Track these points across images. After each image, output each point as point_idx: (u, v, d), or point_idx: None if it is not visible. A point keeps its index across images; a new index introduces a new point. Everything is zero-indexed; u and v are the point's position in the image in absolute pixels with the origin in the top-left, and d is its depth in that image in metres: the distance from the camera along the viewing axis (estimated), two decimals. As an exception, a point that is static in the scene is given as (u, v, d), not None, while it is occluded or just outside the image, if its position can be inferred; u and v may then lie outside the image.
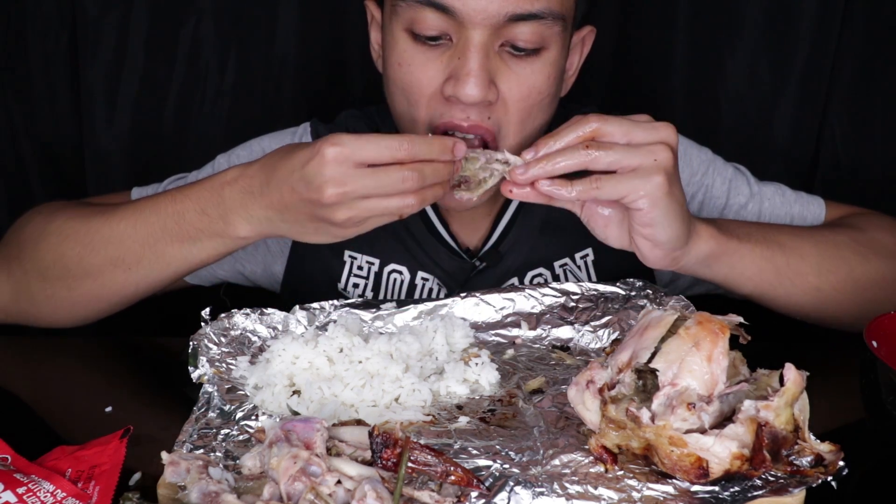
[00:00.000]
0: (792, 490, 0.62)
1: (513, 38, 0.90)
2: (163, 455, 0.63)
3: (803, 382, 0.64)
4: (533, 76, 0.92)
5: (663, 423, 0.62)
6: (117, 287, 0.94)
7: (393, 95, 0.97)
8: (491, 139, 0.93)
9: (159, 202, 0.91)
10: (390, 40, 0.94)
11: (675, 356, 0.65)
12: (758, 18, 1.47)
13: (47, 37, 1.44)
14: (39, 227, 0.97)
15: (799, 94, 1.50)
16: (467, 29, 0.88)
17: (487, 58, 0.89)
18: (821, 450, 0.63)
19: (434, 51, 0.91)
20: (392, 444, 0.62)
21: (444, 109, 0.92)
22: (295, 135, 1.13)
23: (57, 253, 0.94)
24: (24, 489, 0.63)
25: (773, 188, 1.15)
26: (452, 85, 0.89)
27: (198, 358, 0.82)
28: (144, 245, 0.90)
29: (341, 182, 0.78)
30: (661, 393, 0.64)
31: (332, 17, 1.47)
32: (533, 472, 0.65)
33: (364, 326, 0.90)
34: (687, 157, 1.16)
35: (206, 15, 1.44)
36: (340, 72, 1.51)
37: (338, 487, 0.59)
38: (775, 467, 0.63)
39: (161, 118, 1.49)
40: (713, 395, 0.64)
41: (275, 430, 0.63)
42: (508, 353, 0.88)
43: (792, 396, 0.63)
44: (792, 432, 0.63)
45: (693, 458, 0.62)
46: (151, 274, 0.92)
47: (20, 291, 0.97)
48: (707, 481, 0.62)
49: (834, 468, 0.63)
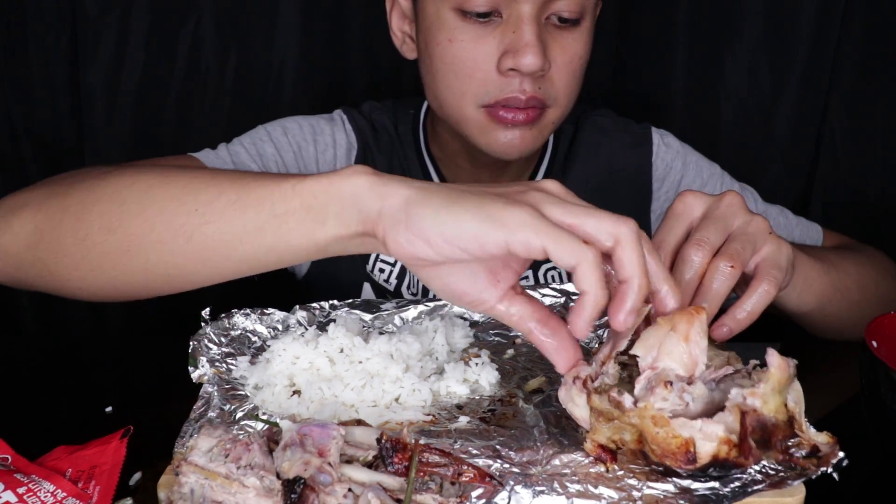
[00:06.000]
0: (791, 482, 0.62)
1: (558, 10, 0.95)
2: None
3: (789, 369, 0.63)
4: (575, 44, 0.98)
5: (644, 405, 0.62)
6: (164, 266, 0.73)
7: (438, 73, 0.99)
8: (543, 108, 0.98)
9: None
10: (435, 20, 0.97)
11: (653, 341, 0.66)
12: (758, 19, 1.47)
13: (47, 37, 1.44)
14: (109, 168, 0.79)
15: (799, 94, 1.50)
16: (519, 3, 0.92)
17: (540, 29, 0.93)
18: (817, 440, 0.63)
19: (485, 27, 0.95)
20: (401, 448, 0.62)
21: (496, 87, 0.96)
22: (330, 121, 1.14)
23: (121, 196, 0.74)
24: (25, 489, 0.63)
25: (778, 209, 1.19)
26: (512, 58, 0.93)
27: (198, 358, 0.82)
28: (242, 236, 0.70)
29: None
30: (641, 377, 0.64)
31: (332, 17, 1.48)
32: (533, 471, 0.65)
33: (364, 326, 0.90)
34: (698, 168, 1.19)
35: (206, 15, 1.44)
36: (341, 72, 1.51)
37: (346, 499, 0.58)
38: (768, 455, 0.62)
39: (161, 118, 1.49)
40: (694, 375, 0.65)
41: (291, 433, 0.62)
42: (508, 353, 0.88)
43: (778, 382, 0.62)
44: (786, 422, 0.63)
45: (679, 439, 0.61)
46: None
47: (47, 231, 0.77)
48: (696, 467, 0.62)
49: (828, 460, 0.62)
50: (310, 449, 0.61)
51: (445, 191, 0.62)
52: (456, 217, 0.60)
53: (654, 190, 1.18)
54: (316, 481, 0.59)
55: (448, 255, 0.61)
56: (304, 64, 1.48)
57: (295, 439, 0.62)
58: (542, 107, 0.98)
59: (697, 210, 0.76)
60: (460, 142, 1.08)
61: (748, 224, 0.75)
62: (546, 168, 1.16)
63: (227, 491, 0.59)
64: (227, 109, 1.49)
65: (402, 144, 1.15)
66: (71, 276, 0.78)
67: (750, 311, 0.73)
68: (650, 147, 1.18)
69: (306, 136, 1.10)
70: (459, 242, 0.60)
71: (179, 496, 0.59)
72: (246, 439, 0.62)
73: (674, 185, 1.18)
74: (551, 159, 1.16)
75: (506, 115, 0.97)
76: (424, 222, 0.61)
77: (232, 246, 0.69)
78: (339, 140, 1.12)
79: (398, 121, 1.16)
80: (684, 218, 0.76)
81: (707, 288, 0.73)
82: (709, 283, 0.73)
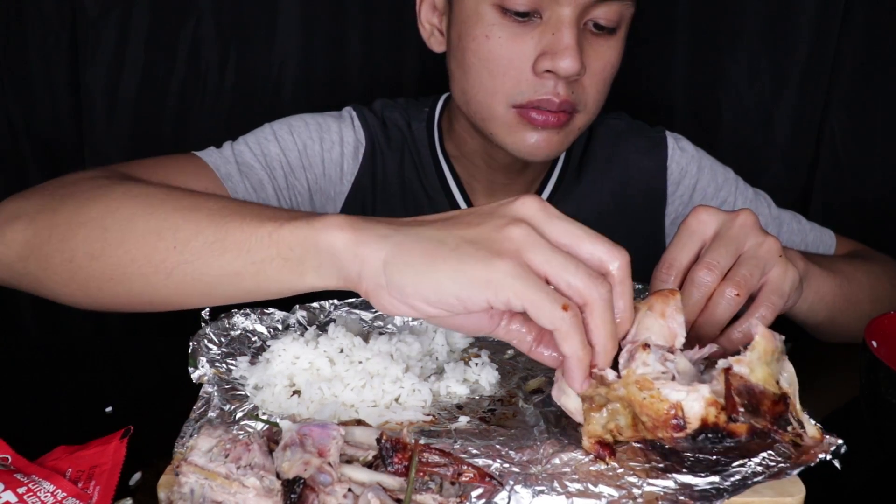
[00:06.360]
0: (790, 472, 0.62)
1: (596, 17, 0.95)
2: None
3: (774, 340, 0.64)
4: (609, 52, 0.98)
5: (627, 371, 0.63)
6: (152, 291, 0.74)
7: (471, 68, 0.98)
8: (573, 113, 0.98)
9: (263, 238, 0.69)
10: (473, 14, 0.96)
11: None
12: (758, 18, 1.47)
13: (47, 37, 1.44)
14: (99, 185, 0.79)
15: (799, 94, 1.50)
16: (561, 6, 0.92)
17: (579, 33, 0.93)
18: (807, 429, 0.63)
19: (524, 27, 0.94)
20: (401, 448, 0.62)
21: (529, 87, 0.95)
22: (338, 118, 1.13)
23: (108, 221, 0.74)
24: (25, 489, 0.63)
25: (791, 214, 1.19)
26: (550, 59, 0.93)
27: (198, 358, 0.82)
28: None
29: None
30: (623, 351, 0.65)
31: (332, 17, 1.48)
32: (533, 471, 0.65)
33: (364, 326, 0.90)
34: (713, 173, 1.19)
35: (206, 15, 1.44)
36: (341, 72, 1.51)
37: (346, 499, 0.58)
38: (755, 420, 0.62)
39: (161, 118, 1.49)
40: (674, 346, 0.65)
41: (291, 433, 0.62)
42: (508, 353, 0.88)
43: (764, 352, 0.63)
44: (777, 395, 0.63)
45: (666, 403, 0.62)
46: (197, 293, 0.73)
47: (36, 247, 0.77)
48: (686, 434, 0.62)
49: (812, 455, 0.62)
50: (310, 449, 0.61)
51: (421, 245, 0.61)
52: (436, 281, 0.60)
53: (669, 194, 1.18)
54: (316, 481, 0.59)
55: (433, 314, 0.63)
56: (304, 64, 1.48)
57: (295, 439, 0.62)
58: (572, 111, 0.98)
59: (711, 228, 0.76)
60: (479, 141, 1.07)
61: (760, 246, 0.75)
62: (560, 171, 1.15)
63: (227, 491, 0.59)
64: (227, 109, 1.49)
65: (415, 142, 1.14)
66: (61, 292, 0.78)
67: (746, 333, 0.74)
68: (665, 151, 1.17)
69: (312, 135, 1.10)
70: (442, 305, 0.61)
71: (179, 496, 0.59)
72: (246, 439, 0.62)
73: (688, 189, 1.18)
74: (565, 162, 1.16)
75: (537, 117, 0.96)
76: (406, 289, 0.61)
77: (212, 286, 0.70)
78: (347, 138, 1.11)
79: (412, 118, 1.15)
80: (697, 236, 0.76)
81: (710, 312, 0.73)
82: (713, 308, 0.73)
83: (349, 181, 1.11)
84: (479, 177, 1.13)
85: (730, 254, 0.74)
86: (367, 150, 1.12)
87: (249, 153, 1.05)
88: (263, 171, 1.04)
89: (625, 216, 1.17)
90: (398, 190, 1.13)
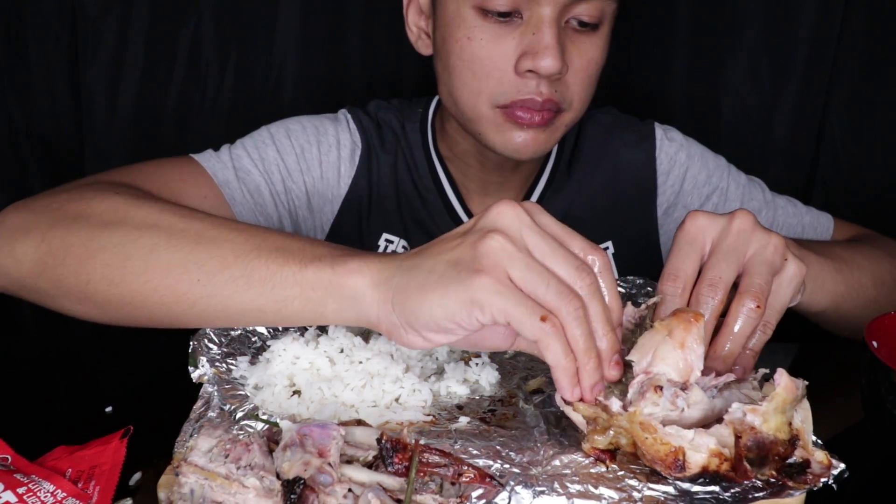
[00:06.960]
0: (792, 493, 0.62)
1: (578, 14, 0.94)
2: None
3: (796, 390, 0.62)
4: (592, 49, 0.98)
5: (634, 410, 0.62)
6: (170, 319, 0.75)
7: (455, 71, 0.99)
8: (558, 111, 0.98)
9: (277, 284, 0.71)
10: (455, 17, 0.97)
11: (649, 346, 0.66)
12: (758, 18, 1.47)
13: (47, 37, 1.44)
14: (116, 206, 0.78)
15: (799, 94, 1.50)
16: (541, 5, 0.92)
17: (560, 32, 0.93)
18: (813, 457, 0.63)
19: (505, 27, 0.94)
20: (401, 448, 0.62)
21: (512, 87, 0.96)
22: (335, 121, 1.14)
23: (128, 251, 0.74)
24: (25, 489, 0.63)
25: (786, 199, 1.19)
26: (531, 59, 0.93)
27: (198, 358, 0.82)
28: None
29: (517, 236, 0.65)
30: (634, 381, 0.64)
31: (332, 17, 1.48)
32: (533, 471, 0.65)
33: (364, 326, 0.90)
34: (703, 160, 1.19)
35: (206, 15, 1.44)
36: (341, 72, 1.51)
37: (346, 499, 0.58)
38: (761, 472, 0.62)
39: (161, 118, 1.49)
40: (689, 381, 0.64)
41: (291, 433, 0.62)
42: (508, 353, 0.88)
43: (782, 402, 0.62)
44: (787, 440, 0.62)
45: (668, 447, 0.61)
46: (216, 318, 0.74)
47: (50, 267, 0.76)
48: (685, 476, 0.62)
49: (817, 479, 0.62)
50: (310, 449, 0.61)
51: (416, 279, 0.64)
52: (429, 311, 0.63)
53: (660, 185, 1.18)
54: (316, 482, 0.59)
55: (447, 341, 0.66)
56: (304, 64, 1.48)
57: (295, 439, 0.62)
58: (556, 110, 0.98)
59: (710, 234, 0.74)
60: (470, 141, 1.08)
61: (765, 248, 0.73)
62: (551, 168, 1.16)
63: (226, 491, 0.59)
64: (227, 109, 1.49)
65: (408, 143, 1.14)
66: (74, 309, 0.80)
67: (755, 349, 0.73)
68: (653, 142, 1.18)
69: (310, 138, 1.10)
70: (446, 331, 0.64)
71: (179, 496, 0.59)
72: (246, 439, 0.62)
73: (678, 178, 1.18)
74: (556, 158, 1.16)
75: (523, 116, 0.97)
76: (414, 324, 0.65)
77: (234, 318, 0.73)
78: (344, 140, 1.12)
79: (405, 119, 1.15)
80: (697, 243, 0.74)
81: (730, 328, 0.71)
82: (732, 323, 0.71)
83: (346, 184, 1.12)
84: (473, 177, 1.13)
85: (731, 266, 0.72)
86: (363, 153, 1.13)
87: (247, 158, 1.05)
88: (261, 175, 1.04)
89: (617, 209, 1.17)
90: (392, 192, 1.14)
